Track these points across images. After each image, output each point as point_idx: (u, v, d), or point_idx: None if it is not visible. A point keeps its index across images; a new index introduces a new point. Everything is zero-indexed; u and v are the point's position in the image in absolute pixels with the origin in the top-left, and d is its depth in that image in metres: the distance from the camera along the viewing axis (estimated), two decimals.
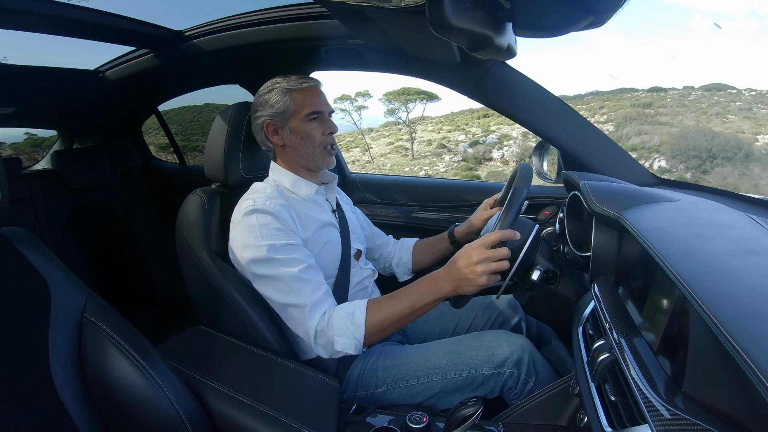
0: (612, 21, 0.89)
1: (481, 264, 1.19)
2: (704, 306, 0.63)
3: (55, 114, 3.13)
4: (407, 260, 1.90)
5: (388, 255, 1.94)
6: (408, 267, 1.91)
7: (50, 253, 1.03)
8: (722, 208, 1.11)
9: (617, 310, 0.99)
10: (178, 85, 2.91)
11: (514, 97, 1.74)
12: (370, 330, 1.28)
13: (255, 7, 1.88)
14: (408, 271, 1.92)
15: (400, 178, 2.65)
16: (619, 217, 1.10)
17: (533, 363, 1.35)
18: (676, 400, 0.67)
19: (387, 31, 1.35)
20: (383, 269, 1.97)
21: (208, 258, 1.46)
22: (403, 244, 1.94)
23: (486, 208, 1.78)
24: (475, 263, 1.19)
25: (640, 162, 1.77)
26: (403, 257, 1.90)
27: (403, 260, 1.90)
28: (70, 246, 3.08)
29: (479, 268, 1.19)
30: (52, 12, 1.73)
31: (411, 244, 1.92)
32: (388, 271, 1.97)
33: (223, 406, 1.12)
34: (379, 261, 1.95)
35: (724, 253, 0.80)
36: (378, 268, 1.95)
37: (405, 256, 1.90)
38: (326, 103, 1.53)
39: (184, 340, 1.41)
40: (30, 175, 3.00)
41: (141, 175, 3.59)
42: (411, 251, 1.90)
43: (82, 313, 0.98)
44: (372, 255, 1.94)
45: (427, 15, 0.86)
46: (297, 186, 1.52)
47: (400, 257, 1.91)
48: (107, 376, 0.95)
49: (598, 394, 0.87)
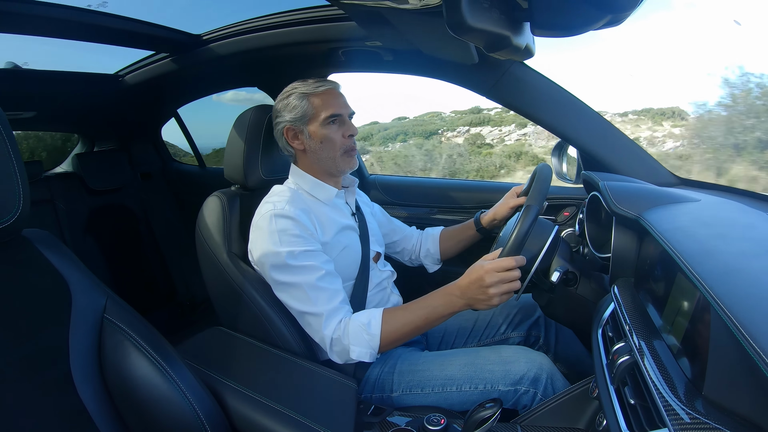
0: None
1: (493, 287, 1.20)
2: (725, 308, 0.62)
3: (76, 118, 3.17)
4: (435, 251, 1.89)
5: (413, 247, 1.93)
6: (437, 257, 1.90)
7: (71, 254, 1.04)
8: (743, 209, 1.09)
9: (637, 312, 0.98)
10: (197, 89, 2.94)
11: (532, 98, 1.73)
12: (385, 340, 1.30)
13: (272, 10, 1.89)
14: (437, 261, 1.92)
15: (419, 180, 2.65)
16: (639, 218, 1.09)
17: (551, 382, 1.34)
18: (696, 403, 0.66)
19: (404, 33, 1.35)
20: (410, 261, 1.97)
21: (228, 259, 1.47)
22: (428, 235, 1.93)
23: (513, 196, 1.76)
24: (488, 286, 1.20)
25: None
26: (430, 249, 1.90)
27: (431, 252, 1.90)
28: (90, 247, 3.11)
29: (492, 291, 1.20)
30: (72, 18, 1.76)
31: (437, 234, 1.92)
32: (416, 262, 1.97)
33: (242, 406, 1.13)
34: (403, 254, 1.95)
35: (745, 254, 0.79)
36: (404, 260, 1.96)
37: (432, 247, 1.90)
38: (346, 105, 1.53)
39: (203, 341, 1.42)
40: (51, 178, 3.04)
41: (161, 177, 3.63)
42: (438, 241, 1.90)
43: (102, 314, 0.99)
44: (395, 249, 1.94)
45: (444, 16, 0.86)
46: (317, 190, 1.52)
47: (427, 249, 1.90)
48: (127, 375, 0.96)
49: (618, 397, 0.86)
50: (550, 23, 0.94)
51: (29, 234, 1.01)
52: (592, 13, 0.84)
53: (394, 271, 1.76)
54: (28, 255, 0.98)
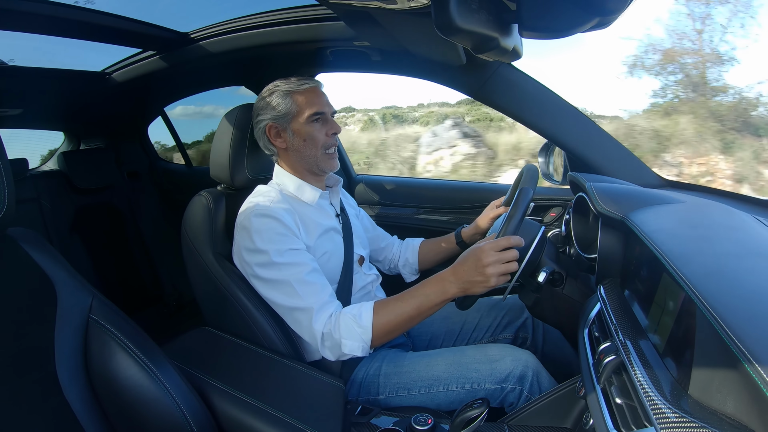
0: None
1: (491, 266, 1.19)
2: (710, 308, 0.63)
3: (62, 115, 3.14)
4: (413, 261, 1.89)
5: (393, 256, 1.93)
6: (414, 267, 1.90)
7: (56, 253, 1.03)
8: (728, 210, 1.10)
9: (623, 312, 0.99)
10: (184, 87, 2.93)
11: (520, 99, 1.74)
12: (377, 332, 1.28)
13: (261, 9, 1.88)
14: (414, 272, 1.91)
15: (406, 180, 2.65)
16: (625, 219, 1.10)
17: (537, 379, 1.34)
18: (682, 402, 0.67)
19: (392, 33, 1.35)
20: (389, 270, 1.97)
21: (214, 259, 1.46)
22: (408, 245, 1.93)
23: (493, 208, 1.77)
24: (485, 265, 1.19)
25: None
26: (409, 258, 1.90)
27: (410, 261, 1.90)
28: (76, 246, 3.09)
29: (489, 270, 1.19)
30: (59, 14, 1.74)
31: (417, 244, 1.92)
32: (394, 271, 1.96)
33: (228, 406, 1.12)
34: (384, 262, 1.95)
35: (730, 255, 0.80)
36: (383, 269, 1.95)
37: (411, 256, 1.89)
38: (328, 104, 1.53)
39: (189, 341, 1.41)
40: (37, 176, 3.01)
41: (148, 176, 3.61)
42: (417, 252, 1.90)
43: (88, 314, 0.98)
44: (377, 257, 1.94)
45: (433, 17, 0.86)
46: (301, 190, 1.52)
47: (406, 258, 1.90)
48: (113, 376, 0.95)
49: (604, 396, 0.87)
50: (538, 25, 0.94)
51: (14, 233, 1.00)
52: (580, 15, 0.84)
53: (380, 275, 1.76)
54: (13, 254, 0.97)
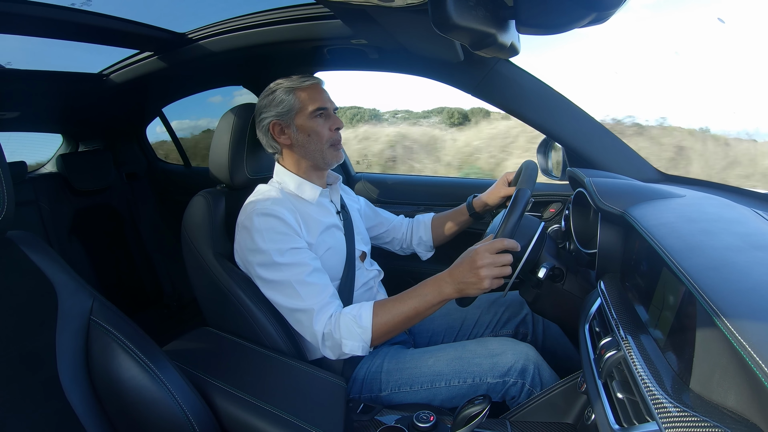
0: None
1: (485, 269, 1.19)
2: (711, 302, 0.63)
3: (60, 117, 3.13)
4: (428, 238, 1.90)
5: (403, 236, 1.93)
6: (429, 244, 1.91)
7: (56, 256, 1.03)
8: (728, 204, 1.10)
9: (624, 307, 0.99)
10: (182, 88, 2.92)
11: (518, 95, 1.74)
12: (377, 332, 1.29)
13: (258, 8, 1.88)
14: (430, 248, 1.92)
15: (405, 177, 2.65)
16: (624, 214, 1.10)
17: (539, 373, 1.35)
18: (683, 396, 0.67)
19: (390, 30, 1.35)
20: (401, 250, 1.97)
21: (214, 259, 1.46)
22: (420, 222, 1.93)
23: (504, 184, 1.76)
24: (479, 267, 1.19)
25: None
26: (423, 236, 1.90)
27: (423, 239, 1.90)
28: (76, 248, 3.09)
29: (483, 273, 1.19)
30: (56, 16, 1.74)
31: (428, 220, 1.92)
32: (408, 251, 1.97)
33: (230, 406, 1.12)
34: (393, 243, 1.95)
35: (730, 249, 0.80)
36: (394, 249, 1.96)
37: (425, 234, 1.90)
38: (330, 99, 1.53)
39: (190, 341, 1.41)
40: (36, 179, 3.01)
41: (146, 177, 3.60)
42: (430, 228, 1.90)
43: (88, 316, 0.98)
44: (384, 239, 1.94)
45: (430, 14, 0.86)
46: (301, 188, 1.52)
47: (420, 236, 1.90)
48: (114, 377, 0.95)
49: (605, 391, 0.87)
50: (536, 21, 0.93)
51: (13, 236, 1.00)
52: (577, 11, 0.84)
53: (381, 271, 1.76)
54: (12, 257, 0.96)
